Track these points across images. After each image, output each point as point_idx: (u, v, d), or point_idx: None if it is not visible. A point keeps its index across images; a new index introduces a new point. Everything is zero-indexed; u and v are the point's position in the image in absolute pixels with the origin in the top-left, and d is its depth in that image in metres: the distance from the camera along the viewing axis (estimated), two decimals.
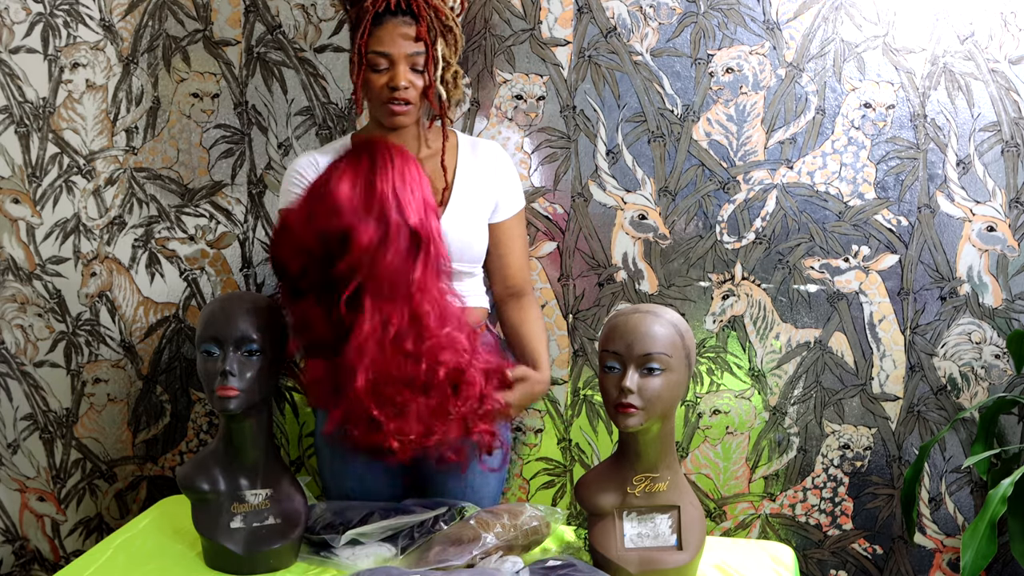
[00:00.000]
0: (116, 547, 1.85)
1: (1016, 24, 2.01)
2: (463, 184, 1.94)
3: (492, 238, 1.99)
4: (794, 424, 2.18)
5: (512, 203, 2.00)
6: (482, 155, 1.98)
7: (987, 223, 2.06)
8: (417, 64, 1.85)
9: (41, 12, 2.27)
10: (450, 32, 1.89)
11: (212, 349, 1.70)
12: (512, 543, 1.76)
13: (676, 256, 2.16)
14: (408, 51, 1.84)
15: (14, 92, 2.30)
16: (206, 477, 1.76)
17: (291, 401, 2.32)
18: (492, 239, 1.99)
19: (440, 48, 1.87)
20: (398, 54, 1.84)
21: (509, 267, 1.99)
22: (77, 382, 2.40)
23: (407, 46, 1.84)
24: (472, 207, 1.93)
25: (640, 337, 1.61)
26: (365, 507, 1.87)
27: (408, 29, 1.84)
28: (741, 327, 2.16)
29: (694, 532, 1.70)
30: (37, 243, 2.36)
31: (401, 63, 1.84)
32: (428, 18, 1.85)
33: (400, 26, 1.84)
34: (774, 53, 2.08)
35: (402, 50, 1.84)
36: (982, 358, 2.10)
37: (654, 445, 1.67)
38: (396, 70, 1.84)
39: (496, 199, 1.97)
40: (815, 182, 2.10)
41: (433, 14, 1.86)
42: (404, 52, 1.84)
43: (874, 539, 2.19)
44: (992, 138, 2.04)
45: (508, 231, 1.99)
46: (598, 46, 2.12)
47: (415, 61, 1.85)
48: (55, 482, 2.44)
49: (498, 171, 1.98)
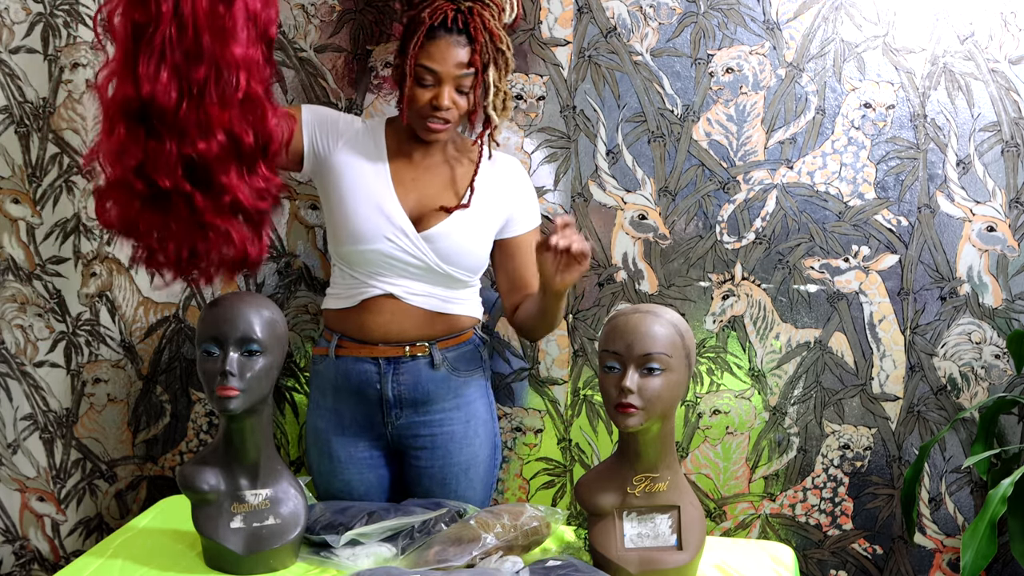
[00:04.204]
0: (116, 547, 1.85)
1: (1016, 24, 2.01)
2: (477, 194, 1.94)
3: (507, 252, 1.99)
4: (794, 424, 2.18)
5: (528, 218, 2.00)
6: (500, 168, 1.98)
7: (987, 223, 2.06)
8: (463, 86, 1.84)
9: (41, 12, 2.27)
10: (502, 56, 1.87)
11: (212, 349, 1.70)
12: (512, 543, 1.76)
13: (676, 256, 2.16)
14: (457, 72, 1.82)
15: (14, 92, 2.30)
16: (206, 477, 1.76)
17: (291, 401, 2.32)
18: (507, 253, 1.99)
19: (491, 73, 1.85)
20: (446, 73, 1.82)
21: (525, 277, 1.98)
22: (77, 382, 2.40)
23: (456, 67, 1.82)
24: (479, 216, 1.93)
25: (640, 337, 1.61)
26: (365, 507, 1.87)
27: (460, 50, 1.82)
28: (741, 327, 2.16)
29: (694, 532, 1.70)
30: (37, 243, 2.36)
31: (448, 83, 1.83)
32: (483, 42, 1.82)
33: (453, 45, 1.82)
34: (774, 53, 2.08)
35: (451, 70, 1.82)
36: (982, 358, 2.10)
37: (654, 445, 1.67)
38: (442, 89, 1.83)
39: (508, 213, 1.97)
40: (815, 182, 2.10)
41: (488, 38, 1.83)
42: (453, 73, 1.82)
43: (874, 539, 2.19)
44: (992, 138, 2.04)
45: (522, 246, 1.98)
46: (598, 46, 2.12)
47: (462, 82, 1.83)
48: (55, 482, 2.44)
49: (514, 186, 1.99)
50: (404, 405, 1.96)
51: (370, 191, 1.91)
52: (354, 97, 2.20)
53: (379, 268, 1.91)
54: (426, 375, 1.94)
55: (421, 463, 1.99)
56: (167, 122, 1.65)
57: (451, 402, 1.97)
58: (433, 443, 1.98)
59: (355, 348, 1.95)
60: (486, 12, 1.85)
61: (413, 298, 1.92)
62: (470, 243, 1.93)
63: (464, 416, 1.99)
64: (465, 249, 1.92)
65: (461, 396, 1.98)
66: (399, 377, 1.94)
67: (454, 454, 1.98)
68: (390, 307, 1.93)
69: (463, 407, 1.98)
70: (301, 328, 2.29)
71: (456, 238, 1.91)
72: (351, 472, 2.00)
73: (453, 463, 1.98)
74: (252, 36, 1.67)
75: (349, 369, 1.96)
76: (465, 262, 1.93)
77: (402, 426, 1.97)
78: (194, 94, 1.64)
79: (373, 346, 1.94)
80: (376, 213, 1.89)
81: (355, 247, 1.91)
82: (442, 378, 1.95)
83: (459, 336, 1.98)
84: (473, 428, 1.99)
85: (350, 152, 1.94)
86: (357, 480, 2.00)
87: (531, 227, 2.00)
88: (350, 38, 2.18)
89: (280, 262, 2.27)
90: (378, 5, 2.16)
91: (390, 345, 1.93)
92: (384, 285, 1.92)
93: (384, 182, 1.92)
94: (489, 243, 1.97)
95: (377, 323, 1.93)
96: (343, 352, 1.97)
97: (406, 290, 1.92)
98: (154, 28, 1.62)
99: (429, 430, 1.97)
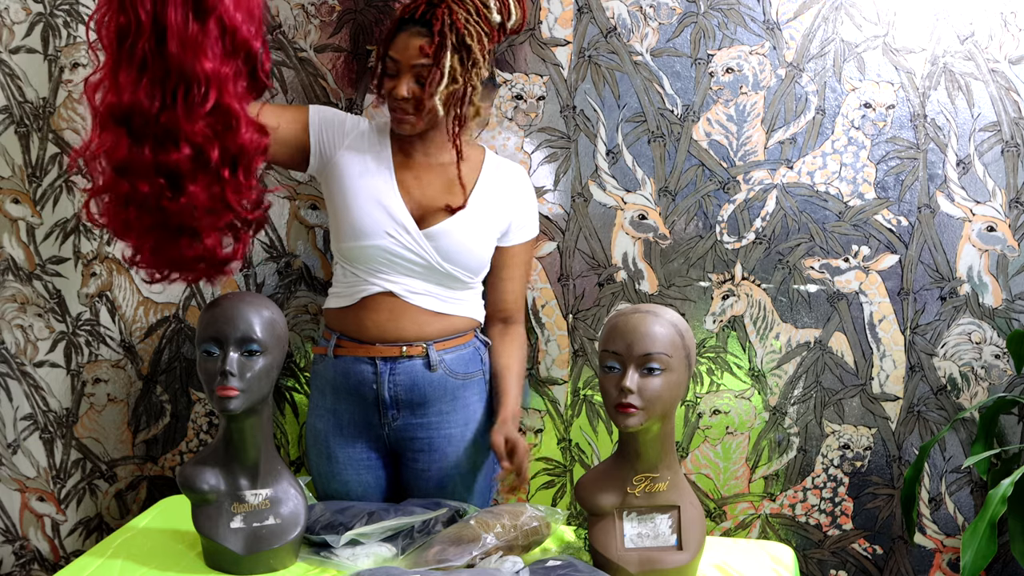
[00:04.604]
0: (116, 547, 1.85)
1: (1016, 24, 2.01)
2: (479, 196, 1.95)
3: (497, 260, 2.00)
4: (794, 424, 2.18)
5: (525, 229, 2.02)
6: (505, 175, 2.00)
7: (987, 223, 2.06)
8: (423, 76, 1.85)
9: (41, 12, 2.27)
10: (466, 49, 1.86)
11: (212, 349, 1.70)
12: (512, 543, 1.76)
13: (676, 256, 2.16)
14: (414, 61, 1.84)
15: (14, 92, 2.30)
16: (206, 477, 1.76)
17: (291, 401, 2.32)
18: (497, 261, 2.00)
19: (448, 63, 1.84)
20: (405, 63, 1.85)
21: (505, 291, 2.02)
22: (77, 382, 2.40)
23: (415, 56, 1.84)
24: (482, 218, 1.94)
25: (640, 337, 1.61)
26: (365, 507, 1.87)
27: (421, 40, 1.84)
28: (741, 327, 2.16)
29: (694, 532, 1.70)
30: (37, 243, 2.35)
31: (406, 72, 1.85)
32: (441, 32, 1.83)
33: (414, 36, 1.85)
34: (774, 53, 2.08)
35: (409, 59, 1.85)
36: (982, 358, 2.10)
37: (654, 445, 1.67)
38: (399, 79, 1.86)
39: (510, 219, 1.98)
40: (815, 182, 2.10)
41: (451, 29, 1.84)
42: (410, 62, 1.85)
43: (874, 539, 2.19)
44: (992, 138, 2.04)
45: (514, 257, 2.01)
46: (598, 46, 2.12)
47: (421, 73, 1.85)
48: (55, 482, 2.44)
49: (517, 193, 2.00)
50: (401, 406, 1.96)
51: (373, 187, 1.92)
52: (354, 97, 2.20)
53: (380, 265, 1.92)
54: (422, 376, 1.94)
55: (419, 465, 1.99)
56: (147, 129, 1.69)
57: (448, 404, 1.97)
58: (431, 446, 1.98)
59: (353, 348, 1.96)
60: (459, 8, 1.85)
61: (412, 296, 1.93)
62: (472, 242, 1.93)
63: (462, 419, 1.98)
64: (467, 248, 1.92)
65: (459, 399, 1.98)
66: (395, 378, 1.94)
67: (452, 457, 1.98)
68: (388, 305, 1.93)
69: (461, 410, 1.98)
70: (301, 328, 2.29)
71: (458, 236, 1.91)
72: (349, 473, 2.00)
73: (451, 466, 1.98)
74: (226, 50, 1.70)
75: (347, 369, 1.96)
76: (466, 262, 1.93)
77: (399, 428, 1.97)
78: (168, 104, 1.68)
79: (370, 346, 1.94)
80: (378, 209, 1.90)
81: (357, 243, 1.91)
82: (439, 380, 1.95)
83: (458, 338, 1.98)
84: (471, 432, 1.99)
85: (355, 150, 1.95)
86: (355, 481, 2.01)
87: (526, 239, 2.02)
88: (350, 38, 2.18)
89: (280, 262, 2.27)
90: (378, 5, 2.16)
91: (387, 345, 1.94)
92: (384, 282, 1.92)
93: (387, 179, 1.93)
94: (491, 245, 1.97)
95: (375, 321, 1.93)
96: (341, 352, 1.97)
97: (406, 288, 1.92)
98: (135, 37, 1.66)
99: (426, 432, 1.97)
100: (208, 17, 1.66)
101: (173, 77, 1.66)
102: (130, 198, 1.73)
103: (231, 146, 1.73)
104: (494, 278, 2.02)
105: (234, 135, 1.73)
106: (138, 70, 1.66)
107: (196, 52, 1.66)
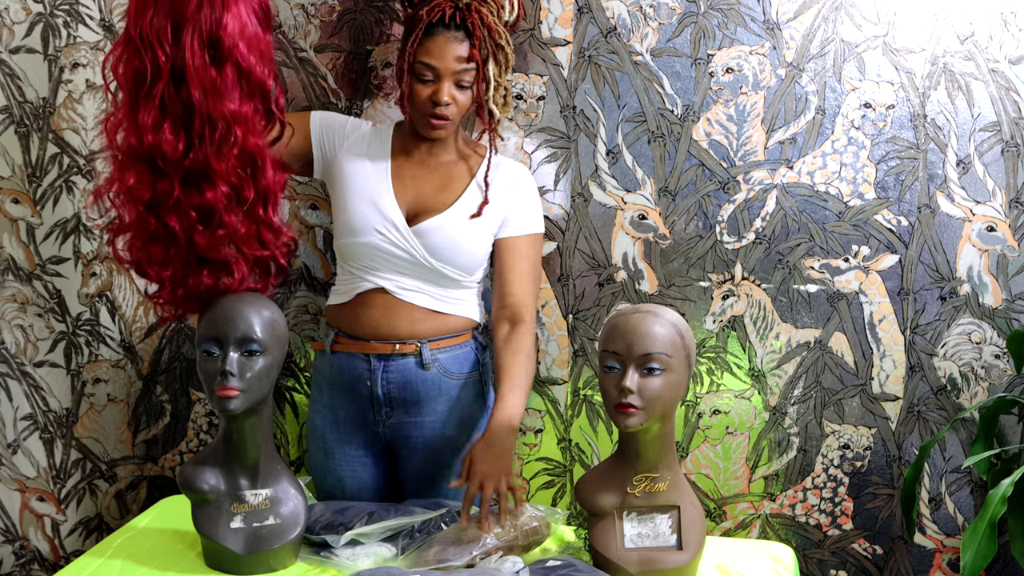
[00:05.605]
0: (116, 547, 1.85)
1: (1016, 24, 2.01)
2: (476, 193, 1.95)
3: (497, 254, 1.99)
4: (794, 424, 2.18)
5: (522, 222, 1.98)
6: (505, 172, 1.99)
7: (987, 223, 2.06)
8: (463, 81, 1.86)
9: (41, 12, 2.27)
10: (501, 51, 1.89)
11: (212, 349, 1.70)
12: (512, 543, 1.76)
13: (676, 256, 2.16)
14: (456, 67, 1.84)
15: (14, 92, 2.30)
16: (206, 477, 1.76)
17: (291, 401, 2.32)
18: (497, 255, 1.99)
19: (491, 68, 1.87)
20: (445, 69, 1.84)
21: (508, 284, 1.96)
22: (77, 382, 2.40)
23: (455, 62, 1.84)
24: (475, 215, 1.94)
25: (640, 337, 1.61)
26: (365, 507, 1.87)
27: (459, 45, 1.84)
28: (741, 327, 2.16)
29: (694, 532, 1.70)
30: (37, 243, 2.36)
31: (447, 78, 1.84)
32: (481, 37, 1.84)
33: (451, 41, 1.84)
34: (774, 53, 2.08)
35: (450, 66, 1.84)
36: (982, 358, 2.10)
37: (654, 445, 1.67)
38: (441, 85, 1.84)
39: (505, 214, 1.97)
40: (815, 182, 2.10)
41: (487, 33, 1.85)
42: (451, 68, 1.84)
43: (874, 539, 2.19)
44: (992, 138, 2.04)
45: (513, 248, 1.97)
46: (598, 46, 2.12)
47: (461, 78, 1.85)
48: (55, 482, 2.44)
49: (515, 189, 1.99)
50: (394, 404, 1.96)
51: (367, 186, 1.93)
52: (354, 97, 2.20)
53: (370, 261, 1.92)
54: (415, 375, 1.94)
55: (414, 464, 1.99)
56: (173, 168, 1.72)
57: (444, 404, 1.97)
58: (426, 445, 1.98)
59: (349, 344, 1.96)
60: (484, 8, 1.86)
61: (404, 293, 1.93)
62: (462, 240, 1.92)
63: (458, 420, 1.98)
64: (457, 245, 1.92)
65: (455, 399, 1.98)
66: (388, 375, 1.94)
67: (448, 457, 1.98)
68: (382, 301, 1.93)
69: (456, 410, 1.98)
70: (301, 328, 2.29)
71: (449, 233, 1.91)
72: (344, 469, 2.01)
73: (447, 466, 1.98)
74: (244, 92, 1.74)
75: (343, 365, 1.97)
76: (456, 259, 1.93)
77: (394, 426, 1.98)
78: (196, 145, 1.71)
79: (365, 342, 1.95)
80: (369, 207, 1.91)
81: (349, 240, 1.93)
82: (432, 379, 1.95)
83: (453, 338, 1.97)
84: (468, 433, 1.99)
85: (354, 152, 1.97)
86: (350, 477, 2.01)
87: (524, 232, 1.99)
88: (350, 38, 2.18)
89: None
90: (378, 5, 2.16)
91: (381, 342, 1.94)
92: (376, 279, 1.93)
93: (382, 178, 1.94)
94: (486, 243, 1.96)
95: (369, 317, 1.94)
96: (338, 348, 1.98)
97: (397, 284, 1.93)
98: (153, 80, 1.69)
99: (421, 432, 1.97)
100: (225, 63, 1.70)
101: (197, 120, 1.70)
102: (157, 234, 1.76)
103: (259, 184, 1.78)
104: (496, 273, 2.00)
105: (262, 173, 1.78)
106: (159, 112, 1.70)
107: (218, 96, 1.70)
